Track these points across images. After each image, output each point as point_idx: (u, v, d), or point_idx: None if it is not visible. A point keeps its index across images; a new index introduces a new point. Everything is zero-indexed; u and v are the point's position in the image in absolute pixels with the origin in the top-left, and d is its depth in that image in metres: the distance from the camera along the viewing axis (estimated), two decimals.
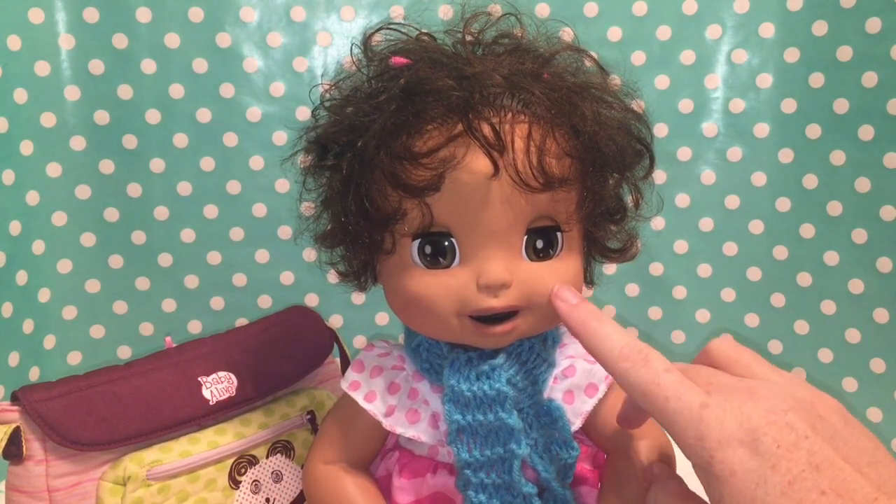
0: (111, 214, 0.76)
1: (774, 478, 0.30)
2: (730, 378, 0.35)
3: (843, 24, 0.73)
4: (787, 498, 0.30)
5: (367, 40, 0.47)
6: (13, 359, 0.72)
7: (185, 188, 0.76)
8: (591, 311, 0.39)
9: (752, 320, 0.80)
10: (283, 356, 0.60)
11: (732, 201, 0.79)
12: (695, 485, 0.36)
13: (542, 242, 0.43)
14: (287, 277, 0.79)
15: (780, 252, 0.78)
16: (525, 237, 0.43)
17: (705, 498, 0.34)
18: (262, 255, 0.78)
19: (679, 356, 0.81)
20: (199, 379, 0.55)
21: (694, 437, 0.33)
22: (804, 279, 0.77)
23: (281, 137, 0.76)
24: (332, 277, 0.51)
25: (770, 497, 0.30)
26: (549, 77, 0.44)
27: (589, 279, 0.50)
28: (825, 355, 0.77)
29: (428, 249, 0.43)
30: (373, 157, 0.42)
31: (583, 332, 0.38)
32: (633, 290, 0.81)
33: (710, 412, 0.33)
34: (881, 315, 0.74)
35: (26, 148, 0.72)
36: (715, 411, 0.33)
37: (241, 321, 0.76)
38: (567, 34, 0.49)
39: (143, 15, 0.73)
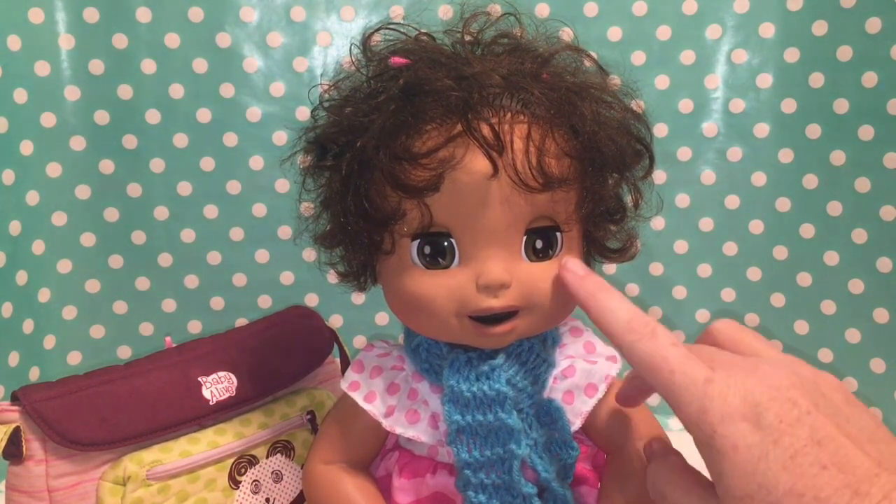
0: (111, 214, 0.76)
1: (776, 452, 0.31)
2: (733, 356, 0.36)
3: (843, 24, 0.73)
4: (789, 472, 0.30)
5: (366, 40, 0.47)
6: (13, 359, 0.72)
7: (185, 188, 0.76)
8: (599, 283, 0.39)
9: (752, 320, 0.80)
10: (283, 356, 0.60)
11: (732, 201, 0.79)
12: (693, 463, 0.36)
13: (541, 243, 0.43)
14: (287, 277, 0.79)
15: (780, 252, 0.78)
16: (524, 237, 0.43)
17: (705, 473, 0.34)
18: (262, 255, 0.78)
19: None
20: (199, 379, 0.55)
21: (697, 412, 0.33)
22: (804, 279, 0.77)
23: (281, 137, 0.76)
24: (332, 277, 0.51)
25: (771, 471, 0.30)
26: (549, 77, 0.44)
27: None
28: (825, 355, 0.77)
29: (427, 250, 0.43)
30: (372, 158, 0.42)
31: (591, 303, 0.38)
32: (633, 290, 0.81)
33: (714, 387, 0.33)
34: (881, 315, 0.74)
35: (26, 148, 0.72)
36: (718, 386, 0.33)
37: (241, 321, 0.76)
38: (567, 34, 0.49)
39: (143, 15, 0.73)
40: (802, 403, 0.32)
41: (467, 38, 0.46)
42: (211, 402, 0.54)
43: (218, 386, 0.55)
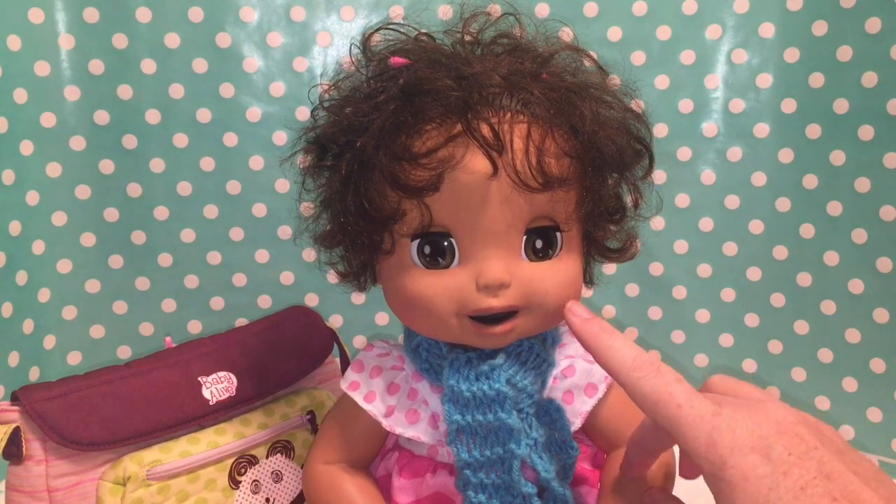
0: (111, 214, 0.76)
1: (787, 483, 0.31)
2: (735, 398, 0.36)
3: (843, 24, 0.72)
4: (800, 503, 0.30)
5: (366, 40, 0.47)
6: (13, 359, 0.72)
7: (185, 188, 0.76)
8: (602, 325, 0.40)
9: (752, 320, 0.79)
10: (283, 356, 0.60)
11: (732, 201, 0.78)
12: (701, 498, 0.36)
13: (541, 242, 0.43)
14: (287, 277, 0.79)
15: (780, 252, 0.78)
16: (524, 237, 0.43)
17: None
18: (262, 255, 0.78)
19: (679, 356, 0.81)
20: (199, 379, 0.55)
21: (706, 444, 0.33)
22: (804, 279, 0.77)
23: (281, 137, 0.76)
24: (332, 277, 0.51)
25: (782, 502, 0.31)
26: (548, 77, 0.44)
27: (589, 279, 0.50)
28: (825, 355, 0.77)
29: (427, 249, 0.43)
30: (372, 158, 0.42)
31: (595, 344, 0.39)
32: (633, 290, 0.81)
33: (722, 420, 0.33)
34: (881, 315, 0.74)
35: (26, 148, 0.72)
36: (726, 420, 0.33)
37: (241, 321, 0.76)
38: (567, 34, 0.49)
39: (143, 15, 0.73)
40: (809, 439, 0.33)
41: (467, 38, 0.46)
42: (211, 402, 0.54)
43: (218, 386, 0.55)
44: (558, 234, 0.44)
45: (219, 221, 0.77)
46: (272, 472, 0.56)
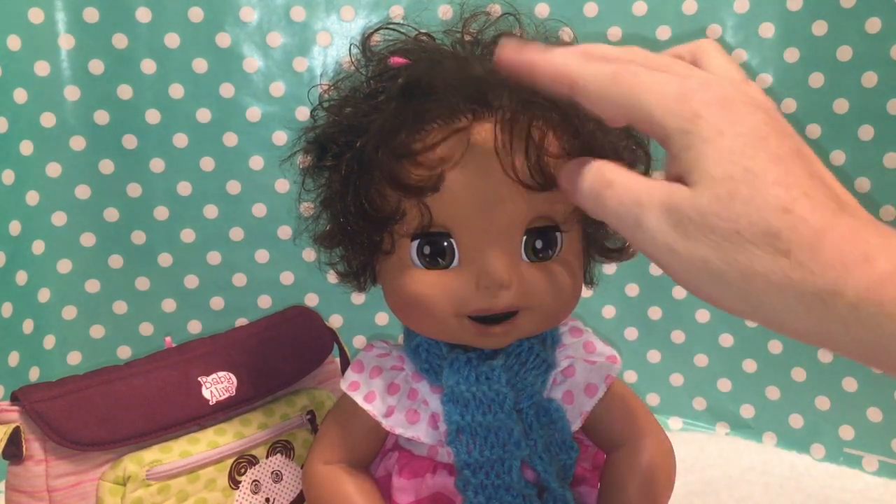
0: (111, 214, 0.76)
1: (766, 148, 0.30)
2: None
3: (843, 24, 0.72)
4: (778, 168, 0.30)
5: (365, 40, 0.47)
6: (13, 359, 0.72)
7: (185, 188, 0.76)
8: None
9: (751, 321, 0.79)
10: (283, 356, 0.60)
11: None
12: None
13: (541, 243, 0.43)
14: (287, 277, 0.79)
15: None
16: (524, 237, 0.43)
17: None
18: (262, 255, 0.78)
19: (679, 356, 0.81)
20: (199, 379, 0.55)
21: (675, 98, 0.31)
22: None
23: (281, 137, 0.76)
24: (332, 277, 0.51)
25: (760, 161, 0.30)
26: None
27: (589, 279, 0.50)
28: (825, 355, 0.77)
29: (427, 250, 0.43)
30: (371, 158, 0.42)
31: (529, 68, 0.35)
32: (633, 290, 0.81)
33: (694, 81, 0.32)
34: None
35: (26, 148, 0.72)
36: (699, 79, 0.32)
37: (241, 321, 0.76)
38: (567, 34, 0.49)
39: (143, 15, 0.73)
40: (784, 124, 0.32)
41: (467, 38, 0.46)
42: (211, 402, 0.54)
43: (218, 386, 0.55)
44: (558, 234, 0.44)
45: (219, 221, 0.77)
46: (272, 472, 0.56)
